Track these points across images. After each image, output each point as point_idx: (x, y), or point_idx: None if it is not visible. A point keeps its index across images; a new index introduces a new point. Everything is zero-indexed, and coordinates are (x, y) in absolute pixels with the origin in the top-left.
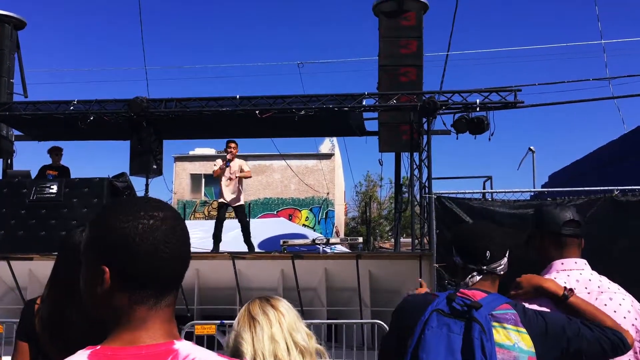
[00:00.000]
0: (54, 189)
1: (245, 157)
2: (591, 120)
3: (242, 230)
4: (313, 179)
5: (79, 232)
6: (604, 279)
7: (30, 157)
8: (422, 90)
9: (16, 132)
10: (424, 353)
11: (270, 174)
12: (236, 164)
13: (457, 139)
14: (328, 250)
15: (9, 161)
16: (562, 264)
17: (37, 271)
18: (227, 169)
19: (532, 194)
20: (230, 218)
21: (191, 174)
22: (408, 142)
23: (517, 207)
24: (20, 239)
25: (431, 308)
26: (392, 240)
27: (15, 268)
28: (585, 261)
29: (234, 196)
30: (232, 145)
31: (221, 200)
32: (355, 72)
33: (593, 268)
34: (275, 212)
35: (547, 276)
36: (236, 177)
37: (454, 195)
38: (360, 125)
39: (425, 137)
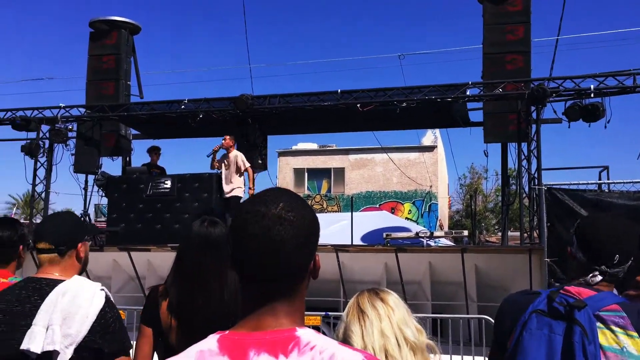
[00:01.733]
0: (168, 184)
1: (347, 151)
2: None
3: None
4: (415, 172)
5: (199, 223)
6: None
7: (146, 155)
8: (530, 77)
9: (133, 132)
10: (521, 357)
11: (372, 167)
12: (233, 156)
13: (569, 127)
14: (432, 243)
15: (127, 159)
16: None
17: (154, 261)
18: (224, 162)
19: None
20: (333, 211)
21: (294, 169)
22: (515, 132)
23: (637, 199)
24: (139, 231)
25: (531, 308)
26: (499, 233)
27: (135, 259)
28: None
29: (228, 188)
30: (227, 137)
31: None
32: (457, 62)
33: None
34: (377, 206)
35: None
36: (234, 173)
37: (566, 187)
38: (464, 115)
39: (534, 126)
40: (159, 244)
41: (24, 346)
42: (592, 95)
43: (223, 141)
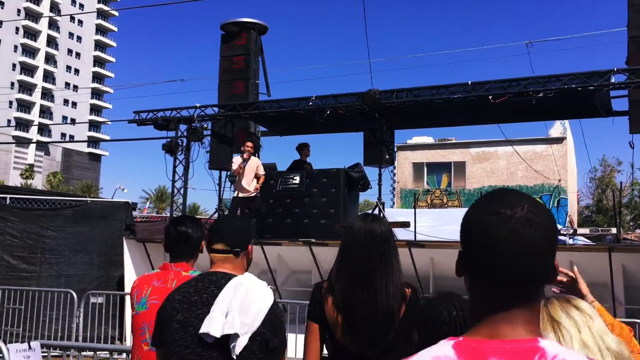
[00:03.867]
0: (297, 180)
1: (468, 144)
2: None
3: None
4: (542, 165)
5: (362, 218)
6: None
7: (274, 151)
8: None
9: (261, 129)
10: None
11: (494, 160)
12: (253, 162)
13: None
14: (571, 241)
15: (257, 155)
16: None
17: (285, 255)
18: (244, 167)
19: None
20: (454, 206)
21: (413, 163)
22: None
23: None
24: (270, 225)
25: None
26: (637, 230)
27: (267, 252)
28: None
29: (245, 191)
30: (249, 144)
31: (234, 195)
32: (591, 48)
33: None
34: None
35: None
36: (251, 177)
37: None
38: (606, 105)
39: None
40: (290, 238)
41: (203, 330)
42: None
43: (249, 149)
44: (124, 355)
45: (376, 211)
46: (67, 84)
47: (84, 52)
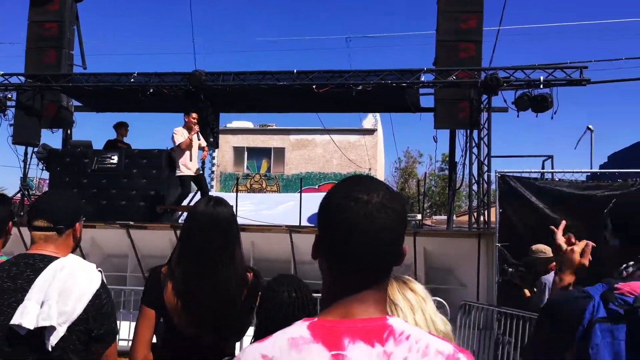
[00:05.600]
0: (115, 159)
1: (288, 131)
2: None
3: (202, 195)
4: (355, 154)
5: (204, 203)
6: None
7: (88, 128)
8: (481, 66)
9: (75, 103)
10: None
11: (312, 148)
12: (197, 134)
13: (517, 116)
14: None
15: (68, 131)
16: None
17: (98, 239)
18: (193, 140)
19: (589, 174)
20: (272, 191)
21: (234, 147)
22: (466, 119)
23: (585, 189)
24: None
25: (588, 316)
26: (433, 217)
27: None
28: None
29: (197, 166)
30: (195, 115)
31: (188, 172)
32: (403, 48)
33: None
34: (316, 187)
35: None
36: (199, 148)
37: (518, 174)
38: (415, 101)
39: (484, 114)
40: (104, 220)
41: (14, 321)
42: (541, 86)
43: (192, 119)
44: None
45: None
46: None
47: None
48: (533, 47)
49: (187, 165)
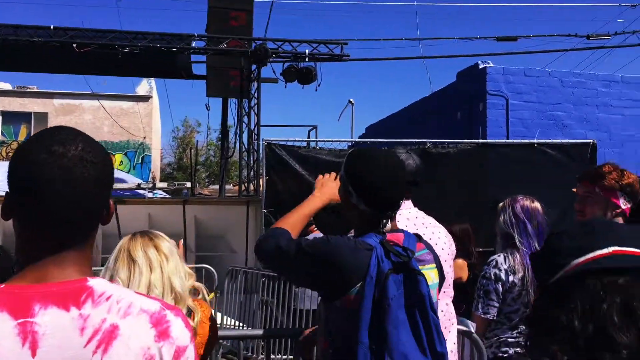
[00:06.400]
0: None
1: (51, 95)
2: (406, 77)
3: None
4: (128, 122)
5: None
6: (422, 214)
7: None
8: (252, 36)
9: None
10: (391, 326)
11: (79, 114)
12: None
13: (285, 87)
14: (151, 195)
15: None
16: None
17: None
18: None
19: (351, 143)
20: None
21: None
22: (237, 88)
23: (342, 156)
24: None
25: (374, 268)
26: (210, 186)
27: None
28: (410, 201)
29: None
30: None
31: None
32: (179, 12)
33: None
34: None
35: None
36: None
37: (284, 142)
38: (187, 67)
39: (255, 84)
40: None
41: None
42: (306, 59)
43: None
44: None
45: None
46: None
47: None
48: (307, 23)
49: None
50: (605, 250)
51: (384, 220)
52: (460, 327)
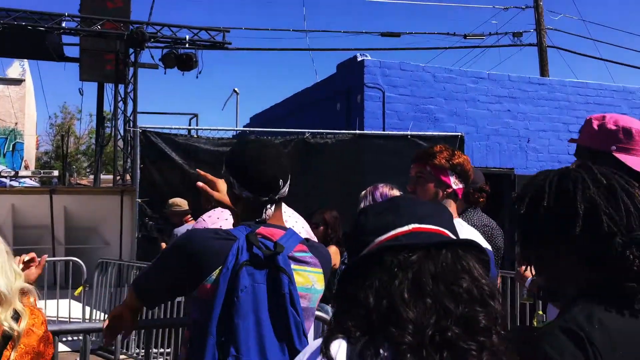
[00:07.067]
0: None
1: None
2: (294, 68)
3: None
4: None
5: None
6: (287, 208)
7: None
8: (130, 19)
9: None
10: (239, 319)
11: None
12: None
13: (165, 73)
14: (16, 184)
15: None
16: None
17: None
18: None
19: (235, 132)
20: None
21: None
22: (113, 73)
23: (221, 145)
24: None
25: (232, 258)
26: (91, 177)
27: None
28: None
29: None
30: None
31: None
32: None
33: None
34: None
35: None
36: None
37: (159, 130)
38: (58, 49)
39: (132, 69)
40: None
41: None
42: (187, 45)
43: None
44: None
45: None
46: None
47: None
48: (189, 8)
49: None
50: (405, 228)
51: (268, 205)
52: (320, 313)
